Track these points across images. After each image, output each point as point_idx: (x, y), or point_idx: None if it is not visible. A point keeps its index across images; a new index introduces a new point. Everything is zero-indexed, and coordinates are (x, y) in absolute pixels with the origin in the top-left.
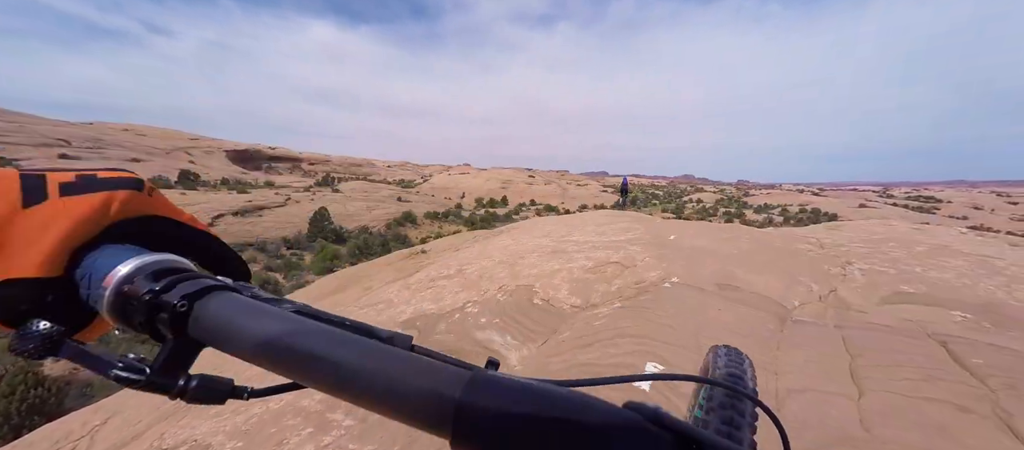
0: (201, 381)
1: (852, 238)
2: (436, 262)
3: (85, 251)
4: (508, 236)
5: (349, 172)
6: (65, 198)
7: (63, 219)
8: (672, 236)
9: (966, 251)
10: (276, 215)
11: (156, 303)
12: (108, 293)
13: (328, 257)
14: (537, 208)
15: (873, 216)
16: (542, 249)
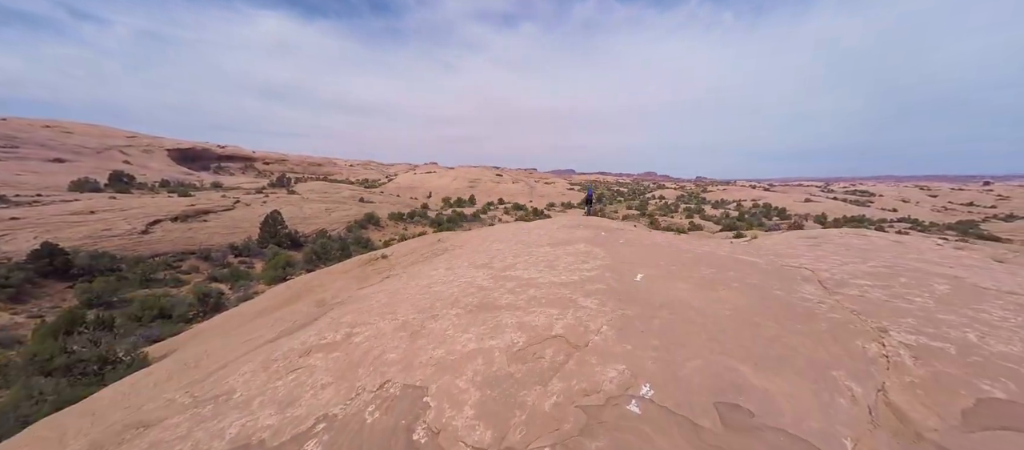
0: None
1: (853, 272)
2: (342, 307)
3: None
4: (443, 263)
5: (308, 172)
6: None
7: None
8: (639, 275)
9: (989, 286)
10: (223, 220)
11: None
12: None
13: (280, 265)
14: (505, 207)
15: (818, 206)
16: (468, 297)
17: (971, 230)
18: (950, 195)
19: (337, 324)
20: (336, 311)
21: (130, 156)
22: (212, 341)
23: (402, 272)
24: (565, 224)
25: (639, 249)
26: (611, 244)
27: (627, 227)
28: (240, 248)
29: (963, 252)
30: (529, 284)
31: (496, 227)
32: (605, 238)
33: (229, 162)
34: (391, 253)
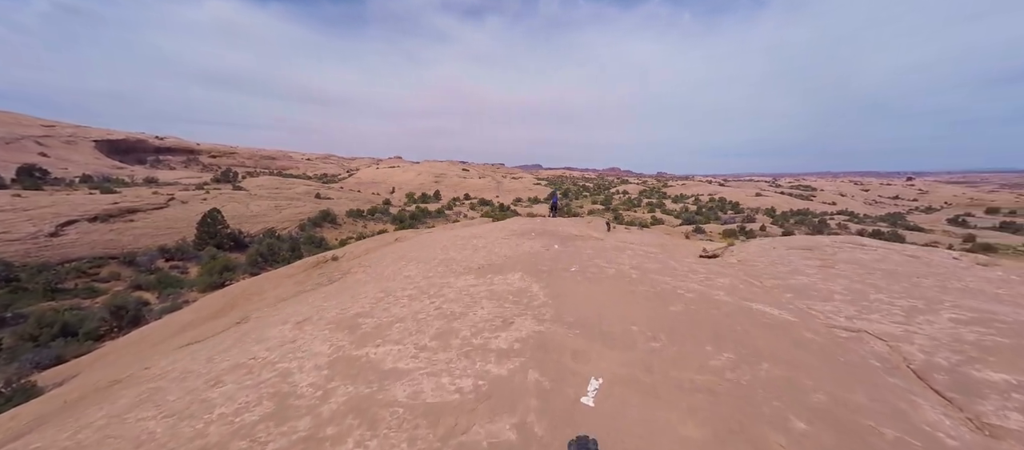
0: None
1: (950, 338)
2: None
3: None
4: (307, 307)
5: (260, 166)
6: None
7: None
8: (592, 384)
9: None
10: (153, 219)
11: None
12: None
13: (218, 269)
14: (471, 202)
15: (772, 198)
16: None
17: (899, 221)
18: (879, 189)
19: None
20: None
21: (48, 148)
22: (116, 366)
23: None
24: (516, 230)
25: (600, 289)
26: (559, 278)
27: (588, 234)
28: (172, 251)
29: (1001, 272)
30: (372, 399)
31: (434, 232)
32: (557, 256)
33: (169, 155)
34: (343, 254)
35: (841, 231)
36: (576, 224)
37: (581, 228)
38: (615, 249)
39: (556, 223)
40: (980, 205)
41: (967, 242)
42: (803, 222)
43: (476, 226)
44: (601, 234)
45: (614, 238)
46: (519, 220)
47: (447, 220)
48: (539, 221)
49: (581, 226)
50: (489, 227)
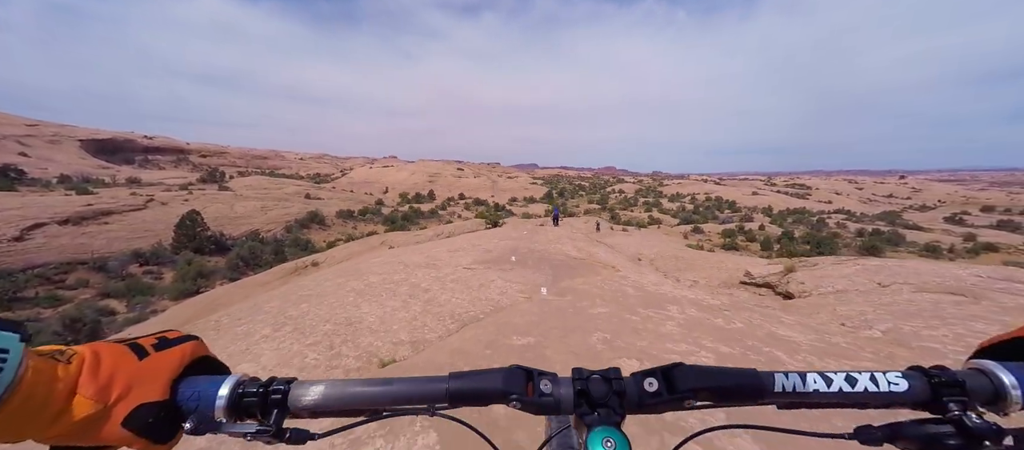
0: (293, 432)
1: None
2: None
3: (178, 381)
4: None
5: (252, 166)
6: (159, 352)
7: (165, 365)
8: None
9: None
10: (130, 221)
11: (266, 392)
12: (225, 400)
13: (192, 275)
14: (466, 202)
15: (760, 195)
16: None
17: (897, 220)
18: (873, 187)
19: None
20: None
21: (29, 147)
22: None
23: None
24: (490, 253)
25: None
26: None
27: (595, 259)
28: (147, 255)
29: None
30: None
31: (366, 263)
32: (542, 323)
33: (158, 155)
34: (324, 259)
35: (842, 230)
36: (575, 238)
37: (582, 243)
38: (654, 300)
39: (548, 237)
40: (974, 203)
41: (969, 241)
42: (801, 221)
43: (438, 245)
44: (613, 258)
45: (643, 272)
46: (501, 233)
47: (440, 221)
48: (527, 232)
49: (582, 240)
50: (458, 243)
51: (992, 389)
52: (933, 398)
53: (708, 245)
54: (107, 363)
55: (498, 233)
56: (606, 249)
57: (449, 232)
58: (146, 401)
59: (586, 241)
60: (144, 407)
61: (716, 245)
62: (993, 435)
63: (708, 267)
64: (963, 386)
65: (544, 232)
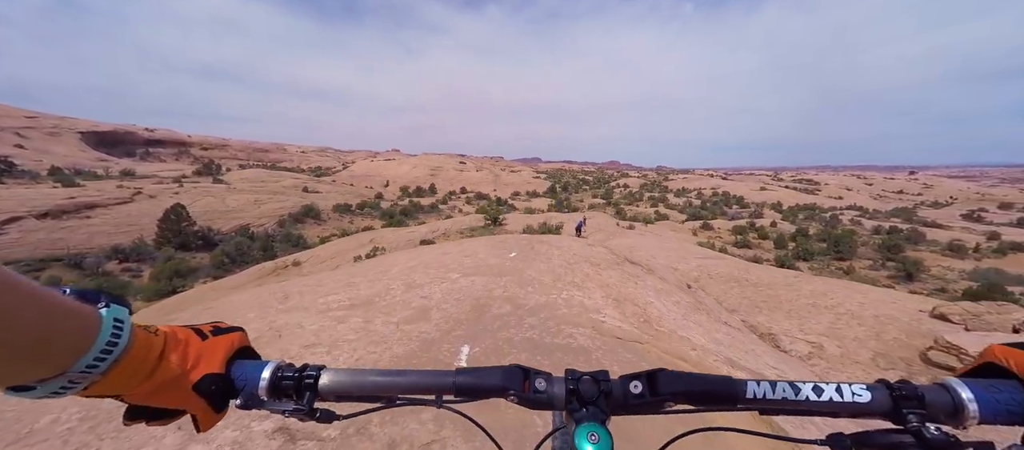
0: (322, 412)
1: None
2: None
3: (230, 363)
4: None
5: (253, 159)
6: (215, 337)
7: (221, 346)
8: None
9: None
10: (114, 215)
11: (300, 377)
12: (267, 382)
13: (169, 274)
14: (467, 196)
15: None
16: None
17: (913, 217)
18: (883, 183)
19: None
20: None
21: (28, 138)
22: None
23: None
24: (460, 293)
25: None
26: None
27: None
28: (127, 251)
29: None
30: None
31: (326, 276)
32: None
33: (159, 147)
34: (307, 258)
35: (856, 228)
36: (597, 262)
37: (626, 285)
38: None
39: (556, 264)
40: (990, 200)
41: (992, 240)
42: (813, 217)
43: (405, 258)
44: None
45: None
46: (481, 250)
47: (440, 215)
48: (517, 254)
49: (615, 271)
50: (412, 266)
51: (951, 403)
52: (894, 409)
53: (719, 243)
54: (182, 338)
55: (477, 250)
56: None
57: (445, 230)
58: (210, 371)
59: (632, 281)
60: (209, 376)
61: (727, 243)
62: (950, 446)
63: (813, 306)
64: (922, 399)
65: (549, 250)
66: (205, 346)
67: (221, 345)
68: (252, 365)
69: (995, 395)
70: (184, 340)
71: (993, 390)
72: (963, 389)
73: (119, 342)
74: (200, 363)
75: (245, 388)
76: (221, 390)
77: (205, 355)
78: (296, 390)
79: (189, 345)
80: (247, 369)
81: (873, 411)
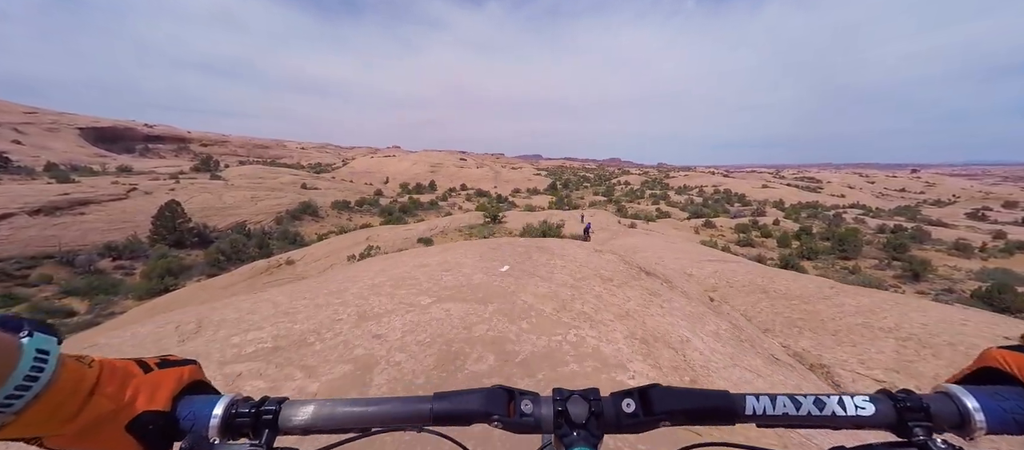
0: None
1: None
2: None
3: (177, 399)
4: None
5: (253, 155)
6: (161, 370)
7: (167, 380)
8: None
9: None
10: (108, 212)
11: (257, 412)
12: (218, 420)
13: (160, 272)
14: (467, 193)
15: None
16: None
17: (917, 216)
18: (886, 181)
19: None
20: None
21: (25, 135)
22: None
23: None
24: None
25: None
26: None
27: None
28: (120, 249)
29: None
30: None
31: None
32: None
33: (159, 143)
34: (301, 257)
35: (861, 226)
36: (613, 277)
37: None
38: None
39: (556, 283)
40: (994, 199)
41: (999, 239)
42: (816, 216)
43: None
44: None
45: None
46: (478, 251)
47: (440, 212)
48: (520, 250)
49: (637, 289)
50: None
51: (957, 414)
52: (899, 422)
53: (722, 241)
54: (120, 371)
55: (462, 261)
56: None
57: (443, 227)
58: (149, 409)
59: (657, 304)
60: (147, 415)
61: (730, 241)
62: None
63: (864, 327)
64: (928, 411)
65: (551, 261)
66: (147, 380)
67: (167, 379)
68: (202, 401)
69: (1001, 403)
70: (124, 372)
71: (999, 398)
72: (968, 398)
73: (41, 375)
74: (138, 399)
75: (193, 428)
76: (161, 430)
77: (146, 390)
78: (254, 427)
79: (128, 378)
80: (196, 406)
81: (877, 424)
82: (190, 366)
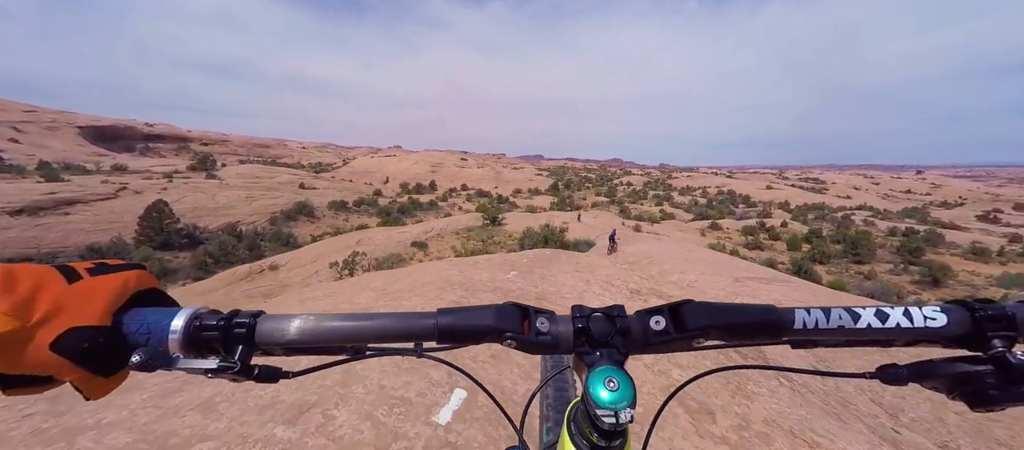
0: (263, 369)
1: None
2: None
3: (120, 313)
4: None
5: (254, 154)
6: (95, 277)
7: (103, 290)
8: None
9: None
10: (95, 212)
11: (227, 325)
12: (179, 333)
13: None
14: (468, 194)
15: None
16: None
17: (928, 218)
18: (890, 183)
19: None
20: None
21: (25, 133)
22: None
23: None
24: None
25: None
26: None
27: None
28: (104, 250)
29: None
30: None
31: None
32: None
33: (159, 142)
34: (286, 261)
35: (870, 228)
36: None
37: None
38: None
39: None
40: (1003, 201)
41: (1015, 243)
42: (823, 218)
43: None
44: None
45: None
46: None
47: (440, 212)
48: (527, 270)
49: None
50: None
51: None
52: (975, 333)
53: (730, 244)
54: (25, 280)
55: (451, 274)
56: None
57: (439, 229)
58: (79, 324)
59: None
60: (77, 331)
61: (737, 244)
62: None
63: None
64: (1012, 320)
65: (560, 271)
66: (73, 290)
67: (104, 288)
68: (157, 313)
69: None
70: (31, 282)
71: None
72: None
73: None
74: (63, 313)
75: (148, 342)
76: (105, 348)
77: (73, 302)
78: (223, 343)
79: (42, 288)
80: (150, 318)
81: (950, 336)
82: (136, 272)
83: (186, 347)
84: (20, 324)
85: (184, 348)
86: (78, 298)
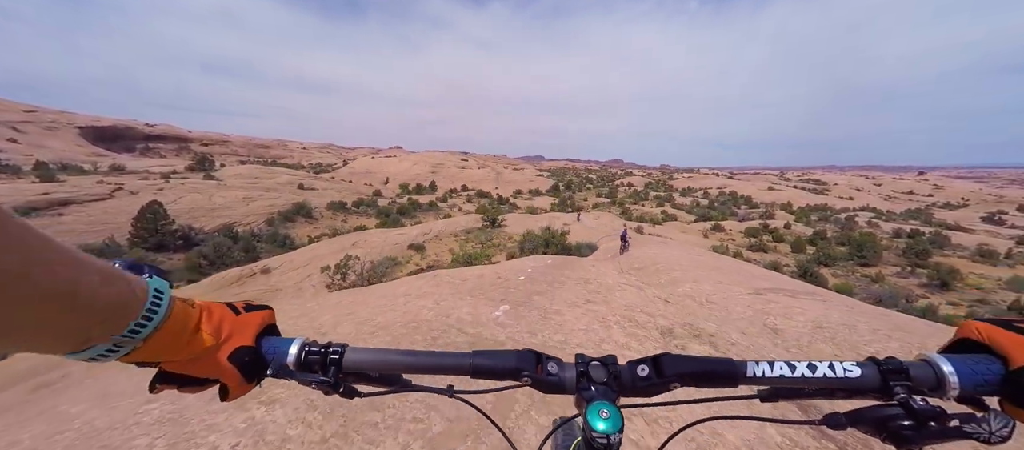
0: (346, 387)
1: None
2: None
3: (259, 338)
4: None
5: (254, 154)
6: (247, 313)
7: (252, 322)
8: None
9: None
10: (89, 213)
11: (325, 353)
12: (293, 355)
13: None
14: (468, 194)
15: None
16: None
17: (932, 220)
18: (892, 184)
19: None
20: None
21: (24, 133)
22: None
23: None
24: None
25: None
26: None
27: None
28: (95, 252)
29: None
30: None
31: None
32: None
33: (160, 142)
34: (279, 264)
35: (875, 230)
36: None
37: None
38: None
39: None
40: (1007, 203)
41: (1022, 245)
42: (827, 219)
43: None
44: None
45: None
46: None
47: (439, 213)
48: (523, 300)
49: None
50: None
51: (934, 376)
52: (883, 384)
53: (733, 246)
54: (217, 313)
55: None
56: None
57: (438, 231)
58: (243, 344)
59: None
60: (241, 349)
61: (740, 246)
62: (937, 416)
63: None
64: (907, 372)
65: (565, 299)
66: (238, 320)
67: (252, 321)
68: (280, 341)
69: (973, 367)
70: (219, 315)
71: (970, 363)
72: (944, 363)
73: (159, 310)
74: (233, 336)
75: (275, 359)
76: (253, 362)
77: (238, 329)
78: (321, 365)
79: (223, 319)
80: (276, 344)
81: (863, 386)
82: (268, 310)
83: (299, 365)
84: (215, 342)
85: (297, 366)
86: (241, 326)
